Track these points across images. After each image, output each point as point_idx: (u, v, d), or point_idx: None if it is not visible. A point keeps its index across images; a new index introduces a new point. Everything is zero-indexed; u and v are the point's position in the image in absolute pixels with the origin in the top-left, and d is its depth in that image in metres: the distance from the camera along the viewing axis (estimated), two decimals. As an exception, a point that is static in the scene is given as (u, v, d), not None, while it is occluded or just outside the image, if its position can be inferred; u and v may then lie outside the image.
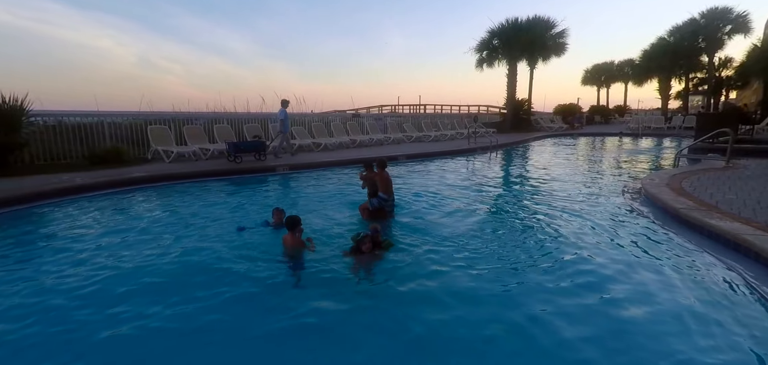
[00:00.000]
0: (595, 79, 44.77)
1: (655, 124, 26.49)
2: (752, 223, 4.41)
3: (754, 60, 22.35)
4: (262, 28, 72.72)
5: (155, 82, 61.19)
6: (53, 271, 3.72)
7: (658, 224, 5.13)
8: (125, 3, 53.49)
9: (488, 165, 11.59)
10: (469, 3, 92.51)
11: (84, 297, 3.24)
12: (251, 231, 4.88)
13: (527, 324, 2.84)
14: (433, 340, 2.71)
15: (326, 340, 2.71)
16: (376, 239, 4.02)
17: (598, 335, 2.70)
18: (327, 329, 2.83)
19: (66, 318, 2.92)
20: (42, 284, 3.47)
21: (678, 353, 2.48)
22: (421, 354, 2.57)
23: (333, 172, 9.75)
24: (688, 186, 6.56)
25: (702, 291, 3.28)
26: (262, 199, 6.93)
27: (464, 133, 18.25)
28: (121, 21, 52.51)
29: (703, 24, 27.23)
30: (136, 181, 7.69)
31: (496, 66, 25.13)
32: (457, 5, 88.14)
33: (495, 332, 2.79)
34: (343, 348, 2.61)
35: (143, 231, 4.95)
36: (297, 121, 14.47)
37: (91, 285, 3.43)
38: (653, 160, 13.09)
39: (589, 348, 2.54)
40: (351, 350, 2.59)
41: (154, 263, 3.93)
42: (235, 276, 3.62)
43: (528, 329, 2.78)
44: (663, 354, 2.47)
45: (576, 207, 6.21)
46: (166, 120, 11.15)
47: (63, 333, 2.75)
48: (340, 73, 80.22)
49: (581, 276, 3.63)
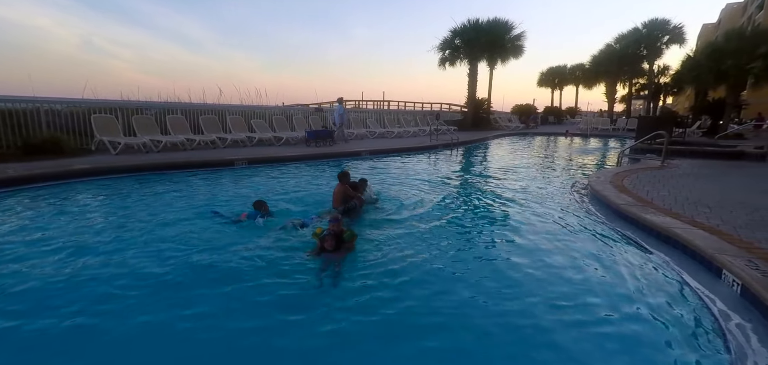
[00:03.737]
0: (549, 81, 47.12)
1: (602, 126, 28.42)
2: (681, 217, 4.88)
3: (687, 68, 24.51)
4: (223, 15, 69.59)
5: (101, 66, 56.74)
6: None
7: (602, 217, 5.54)
8: (67, -22, 49.08)
9: (449, 161, 11.89)
10: (433, 1, 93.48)
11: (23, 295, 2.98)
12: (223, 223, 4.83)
13: (486, 308, 3.01)
14: (404, 332, 2.78)
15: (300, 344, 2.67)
16: (338, 232, 3.95)
17: (540, 318, 2.90)
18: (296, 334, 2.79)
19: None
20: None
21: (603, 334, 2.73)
22: (391, 348, 2.62)
23: (296, 166, 9.59)
24: (628, 183, 7.11)
25: (634, 277, 3.60)
26: (221, 191, 6.68)
27: (426, 130, 18.57)
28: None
29: (644, 33, 29.45)
30: (78, 173, 7.13)
31: (458, 65, 25.75)
32: (422, 2, 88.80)
33: (451, 314, 2.97)
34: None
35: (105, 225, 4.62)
36: (257, 114, 14.05)
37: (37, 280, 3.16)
38: (599, 159, 14.04)
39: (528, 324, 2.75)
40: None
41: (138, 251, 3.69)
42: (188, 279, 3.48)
43: (488, 315, 2.97)
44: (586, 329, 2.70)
45: (529, 201, 6.55)
46: (112, 108, 10.40)
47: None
48: (303, 66, 78.59)
49: (530, 261, 3.88)
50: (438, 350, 2.58)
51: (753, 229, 4.39)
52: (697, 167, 9.55)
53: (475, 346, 2.65)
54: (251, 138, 12.15)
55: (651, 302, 3.18)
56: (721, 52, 20.59)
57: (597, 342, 2.67)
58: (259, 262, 3.75)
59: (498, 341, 2.70)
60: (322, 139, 13.05)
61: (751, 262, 3.36)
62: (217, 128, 12.03)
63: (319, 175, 8.72)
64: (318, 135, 13.00)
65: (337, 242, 3.89)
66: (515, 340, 2.73)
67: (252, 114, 13.83)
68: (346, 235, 4.05)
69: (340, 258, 3.81)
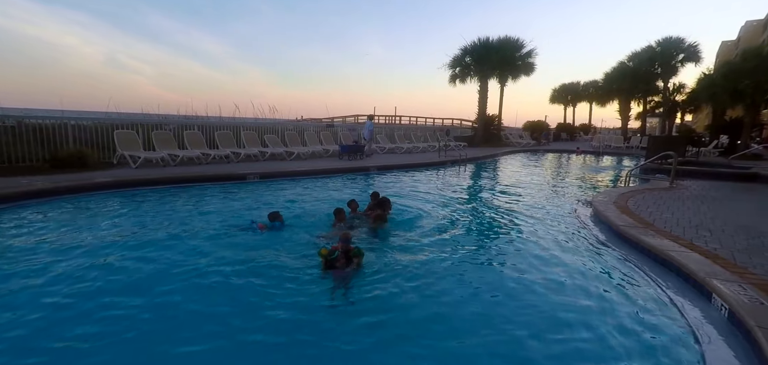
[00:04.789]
0: (562, 98, 46.90)
1: (615, 143, 28.11)
2: (680, 240, 4.93)
3: (703, 87, 24.23)
4: (239, 31, 71.87)
5: (124, 82, 59.10)
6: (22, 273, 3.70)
7: (603, 238, 5.60)
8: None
9: (457, 178, 12.03)
10: (447, 17, 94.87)
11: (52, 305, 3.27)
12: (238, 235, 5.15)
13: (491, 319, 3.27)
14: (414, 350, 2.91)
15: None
16: (347, 251, 4.04)
17: (537, 329, 3.03)
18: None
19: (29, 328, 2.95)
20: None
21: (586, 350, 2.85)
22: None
23: (312, 180, 9.89)
24: (632, 204, 7.15)
25: (625, 298, 3.69)
26: (239, 205, 6.98)
27: (436, 147, 18.76)
28: (88, 18, 50.64)
29: (659, 51, 29.22)
30: (101, 186, 7.56)
31: (469, 82, 26.00)
32: (435, 18, 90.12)
33: (462, 327, 3.21)
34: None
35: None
36: (269, 129, 14.51)
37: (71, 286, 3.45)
38: (609, 178, 13.97)
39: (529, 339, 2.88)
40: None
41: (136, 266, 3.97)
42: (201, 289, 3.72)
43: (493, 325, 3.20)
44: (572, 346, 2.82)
45: (532, 221, 6.64)
46: (134, 124, 10.95)
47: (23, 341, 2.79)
48: (316, 81, 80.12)
49: (530, 280, 4.03)
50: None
51: (750, 255, 4.43)
52: (707, 189, 9.48)
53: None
54: (263, 153, 12.56)
55: (637, 323, 3.27)
56: (738, 71, 20.35)
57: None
58: (272, 277, 3.94)
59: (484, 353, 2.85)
60: (354, 152, 14.46)
61: (742, 287, 3.43)
62: (231, 143, 12.49)
63: (334, 189, 8.98)
64: (350, 149, 14.48)
65: (346, 259, 4.01)
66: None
67: (265, 129, 14.29)
68: (354, 252, 4.16)
69: (349, 276, 3.94)
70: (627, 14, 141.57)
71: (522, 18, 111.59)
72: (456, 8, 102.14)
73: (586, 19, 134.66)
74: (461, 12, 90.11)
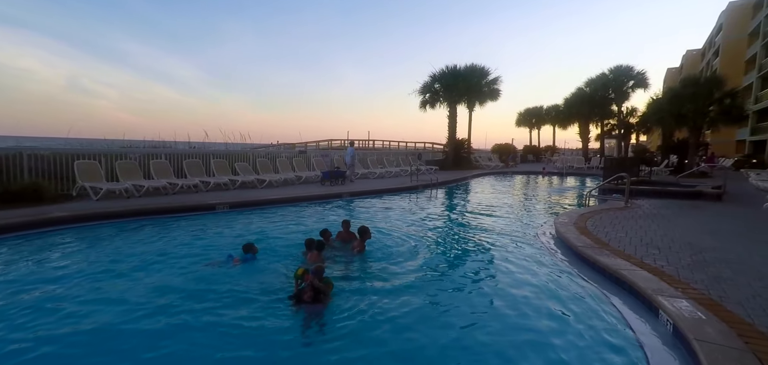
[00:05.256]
0: (527, 121, 49.12)
1: (577, 164, 29.64)
2: (631, 259, 5.30)
3: (652, 111, 26.21)
4: (210, 55, 70.96)
5: (87, 106, 56.58)
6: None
7: (564, 259, 5.92)
8: (56, 20, 49.75)
9: (429, 203, 12.29)
10: (418, 44, 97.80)
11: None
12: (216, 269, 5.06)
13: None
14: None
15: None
16: (316, 285, 4.02)
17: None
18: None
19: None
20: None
21: None
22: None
23: (285, 209, 9.81)
24: (591, 225, 7.59)
25: (579, 314, 3.92)
26: (208, 237, 6.83)
27: (408, 171, 19.09)
28: (50, 40, 48.59)
29: (612, 78, 31.53)
30: (57, 221, 7.20)
31: (438, 107, 26.83)
32: (407, 44, 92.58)
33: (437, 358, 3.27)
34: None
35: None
36: (241, 156, 14.35)
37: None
38: (571, 199, 14.68)
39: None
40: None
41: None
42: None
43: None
44: None
45: (500, 245, 6.90)
46: (96, 153, 10.55)
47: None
48: (289, 105, 79.86)
49: (496, 301, 4.22)
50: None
51: (693, 270, 4.83)
52: (658, 207, 10.18)
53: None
54: (234, 181, 12.36)
55: (592, 341, 3.49)
56: (681, 97, 22.17)
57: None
58: (244, 313, 3.89)
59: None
60: (336, 178, 14.58)
61: (684, 302, 3.74)
62: (200, 172, 12.24)
63: (306, 217, 8.95)
64: (332, 175, 14.58)
65: (314, 293, 3.99)
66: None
67: (236, 156, 14.12)
68: (324, 282, 4.13)
69: (321, 311, 3.93)
70: (584, 43, 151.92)
71: (488, 47, 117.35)
72: (427, 35, 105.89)
73: (548, 47, 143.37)
74: (431, 40, 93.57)
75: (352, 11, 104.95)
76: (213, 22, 71.52)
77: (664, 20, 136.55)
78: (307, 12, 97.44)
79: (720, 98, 21.50)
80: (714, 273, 4.68)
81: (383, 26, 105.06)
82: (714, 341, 3.01)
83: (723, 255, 5.50)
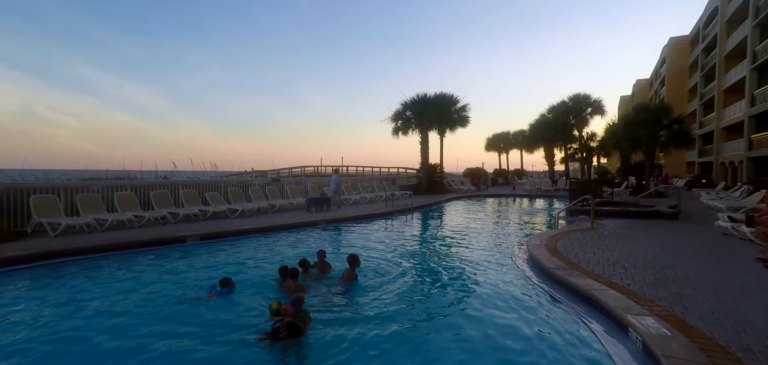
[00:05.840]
0: (495, 146, 50.97)
1: (544, 186, 30.87)
2: (600, 279, 5.54)
3: (609, 136, 27.97)
4: (176, 83, 69.49)
5: (43, 136, 53.41)
6: None
7: (537, 280, 6.10)
8: (4, 46, 47.31)
9: (405, 227, 12.37)
10: (388, 70, 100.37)
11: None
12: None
13: None
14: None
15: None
16: (292, 323, 3.90)
17: None
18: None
19: None
20: None
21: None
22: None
23: (255, 239, 9.56)
24: (561, 246, 7.89)
25: (553, 334, 4.05)
26: (181, 274, 6.53)
27: (383, 196, 19.20)
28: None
29: (571, 105, 33.46)
30: (9, 261, 6.69)
31: (411, 134, 27.37)
32: (377, 71, 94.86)
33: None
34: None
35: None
36: (210, 185, 13.96)
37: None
38: (541, 220, 15.21)
39: None
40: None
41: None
42: None
43: None
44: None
45: (474, 268, 7.04)
46: (55, 187, 9.96)
47: None
48: (260, 133, 78.99)
49: (473, 323, 4.30)
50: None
51: (656, 287, 5.11)
52: (621, 227, 10.74)
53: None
54: (204, 211, 11.98)
55: (566, 356, 3.61)
56: (634, 122, 23.81)
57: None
58: (218, 352, 3.75)
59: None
60: (321, 205, 14.77)
61: (651, 319, 3.95)
62: (168, 203, 11.78)
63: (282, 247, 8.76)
64: (317, 202, 14.81)
65: (289, 332, 3.85)
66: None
67: (206, 186, 13.72)
68: (301, 317, 4.05)
69: (300, 345, 3.84)
70: (546, 71, 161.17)
71: (455, 74, 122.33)
72: (395, 62, 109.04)
73: (512, 74, 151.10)
74: (400, 67, 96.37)
75: (320, 40, 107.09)
76: (177, 50, 70.50)
77: (616, 52, 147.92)
78: (273, 39, 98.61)
79: (669, 124, 23.26)
80: (676, 291, 4.97)
81: (352, 53, 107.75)
82: (679, 356, 3.19)
83: (683, 273, 5.86)
